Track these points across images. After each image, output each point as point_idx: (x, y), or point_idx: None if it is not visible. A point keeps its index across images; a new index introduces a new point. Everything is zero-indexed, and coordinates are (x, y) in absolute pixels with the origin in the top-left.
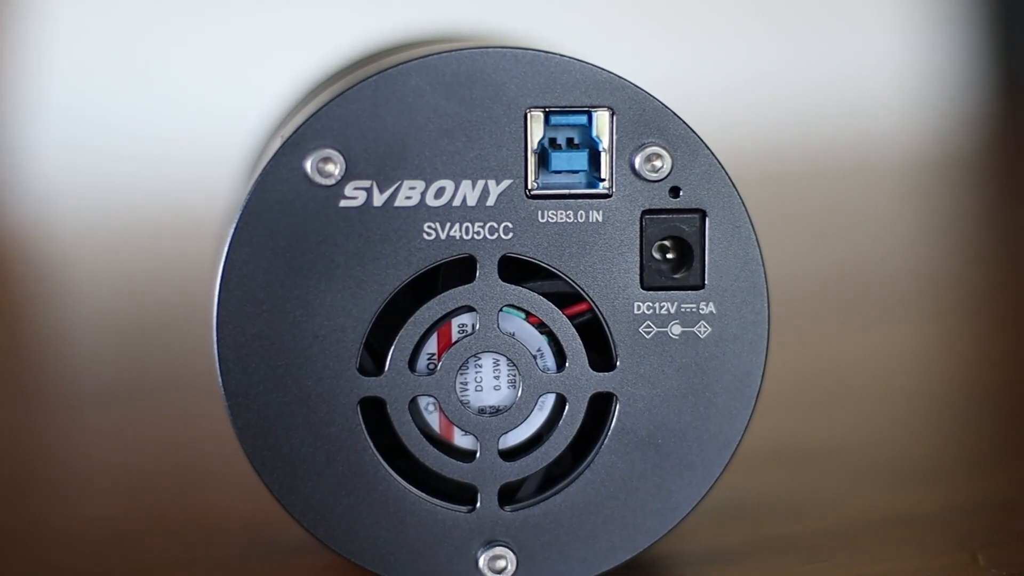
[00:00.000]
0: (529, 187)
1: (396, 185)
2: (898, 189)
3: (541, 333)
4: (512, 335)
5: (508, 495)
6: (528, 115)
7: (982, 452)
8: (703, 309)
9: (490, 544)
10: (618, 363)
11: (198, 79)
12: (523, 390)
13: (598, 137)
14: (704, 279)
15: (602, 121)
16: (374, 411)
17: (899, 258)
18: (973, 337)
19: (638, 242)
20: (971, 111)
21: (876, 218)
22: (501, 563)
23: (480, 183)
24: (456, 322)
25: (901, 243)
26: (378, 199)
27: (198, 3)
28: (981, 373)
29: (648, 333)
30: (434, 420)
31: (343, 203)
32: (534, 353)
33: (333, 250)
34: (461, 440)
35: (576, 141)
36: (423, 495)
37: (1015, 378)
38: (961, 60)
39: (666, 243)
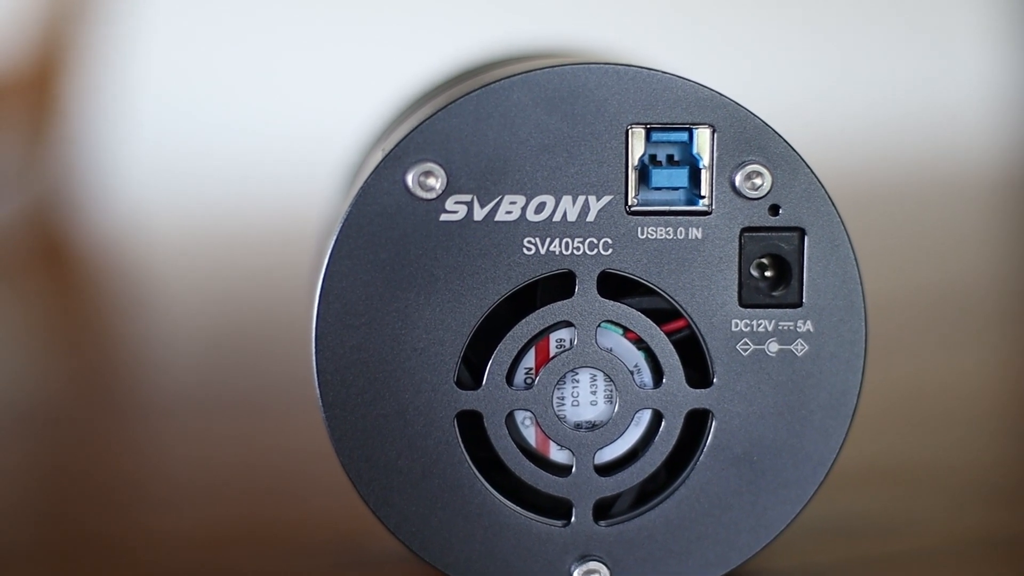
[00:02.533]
0: (629, 203)
1: (497, 200)
2: (992, 208)
3: (638, 349)
4: (610, 351)
5: (603, 510)
6: (629, 131)
7: None
8: (800, 327)
9: (584, 559)
10: (715, 380)
11: (299, 90)
12: (619, 406)
13: (698, 154)
14: (802, 297)
15: (703, 138)
16: (471, 424)
17: (994, 277)
18: None
19: (737, 259)
20: None
21: (971, 237)
22: None
23: (580, 199)
24: (554, 337)
25: (996, 262)
26: (478, 213)
27: (299, 14)
28: None
29: (745, 350)
30: (530, 434)
31: (444, 217)
32: (631, 369)
33: (433, 264)
34: (557, 455)
35: (676, 158)
36: (518, 509)
37: None
38: None
39: (764, 261)
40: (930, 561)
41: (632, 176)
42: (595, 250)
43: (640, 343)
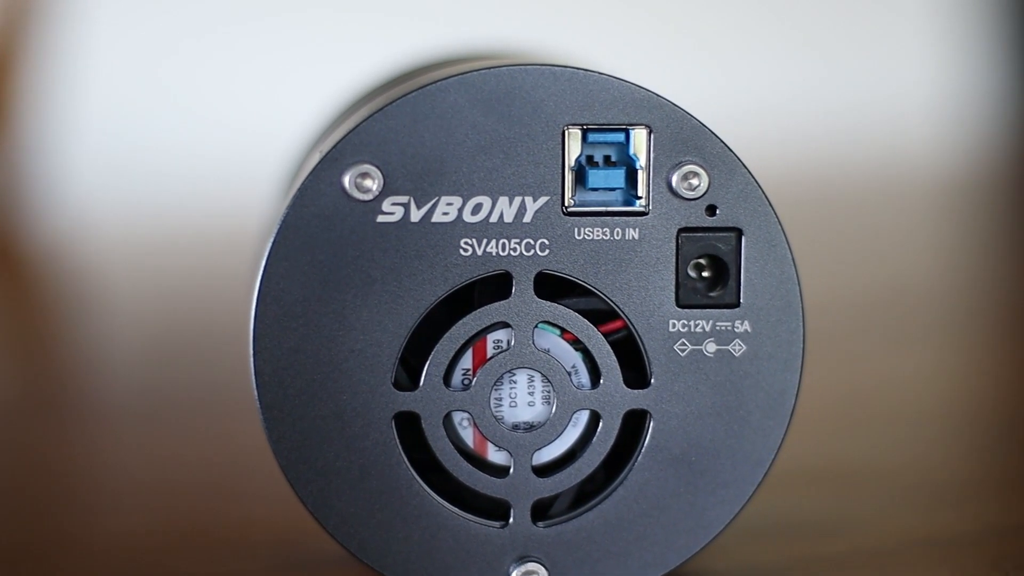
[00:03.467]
0: (566, 204)
1: (433, 201)
2: (934, 209)
3: (576, 350)
4: (547, 351)
5: (541, 511)
6: (566, 132)
7: (1016, 473)
8: (738, 327)
9: (522, 560)
10: (652, 380)
11: (236, 94)
12: (557, 406)
13: (635, 155)
14: (740, 297)
15: (639, 139)
16: (409, 426)
17: (934, 279)
18: (1008, 358)
19: (674, 260)
20: (1007, 131)
21: (911, 238)
22: None
23: (517, 200)
24: (491, 338)
25: (936, 264)
26: (415, 215)
27: (241, 18)
28: (1015, 393)
29: (683, 351)
30: (468, 435)
31: (380, 218)
32: (569, 370)
33: (370, 265)
34: (495, 456)
35: (613, 159)
36: (456, 510)
37: None
38: (997, 79)
39: (702, 261)
40: (870, 561)
41: (569, 177)
42: (532, 251)
43: (577, 344)
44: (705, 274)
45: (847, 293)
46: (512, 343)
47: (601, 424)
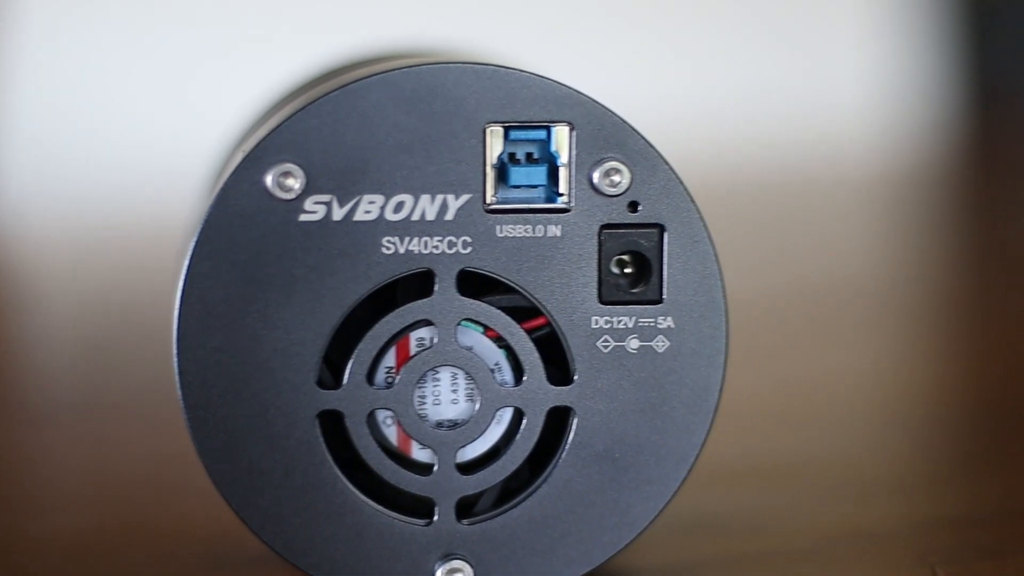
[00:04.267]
0: (487, 202)
1: (355, 200)
2: (863, 205)
3: (499, 347)
4: (470, 349)
5: (465, 509)
6: (487, 130)
7: (943, 468)
8: (661, 323)
9: (447, 557)
10: (575, 377)
11: (162, 94)
12: (480, 404)
13: (557, 152)
14: (662, 294)
15: (561, 136)
16: (333, 424)
17: (863, 275)
18: (934, 353)
19: (596, 257)
20: (939, 125)
21: (841, 234)
22: None
23: (439, 198)
24: (414, 336)
25: (864, 260)
26: (337, 213)
27: (165, 19)
28: (942, 390)
29: (606, 347)
30: (392, 433)
31: (303, 217)
32: (492, 367)
33: (293, 264)
34: (419, 454)
35: (535, 156)
36: (381, 508)
37: (976, 395)
38: (930, 73)
39: (624, 258)
40: (796, 557)
41: (490, 174)
42: (454, 249)
43: (500, 341)
44: (627, 270)
45: (776, 289)
46: (435, 341)
47: (524, 421)
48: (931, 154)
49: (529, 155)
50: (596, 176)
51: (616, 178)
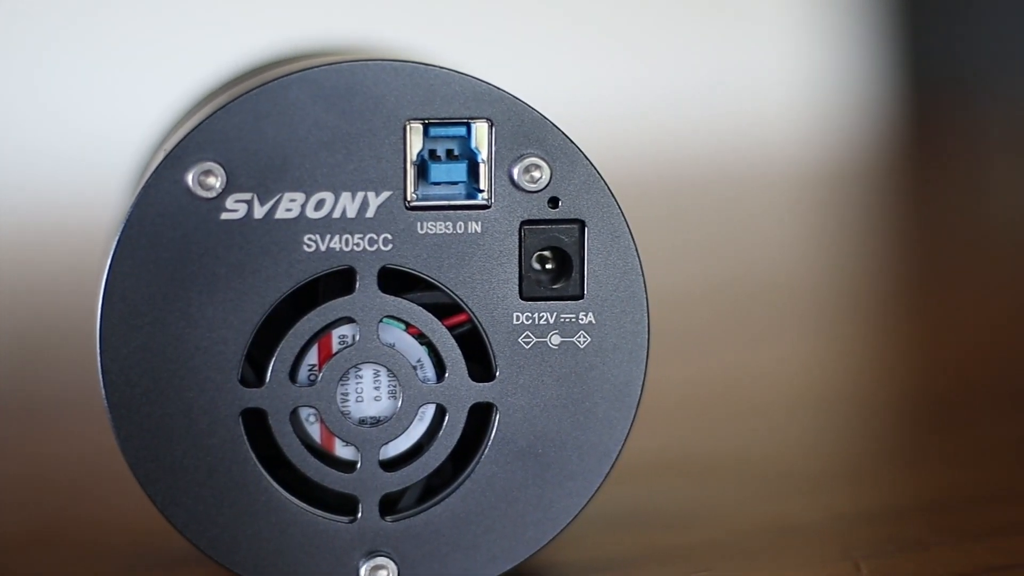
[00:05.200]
0: (408, 199)
1: (276, 197)
2: (793, 198)
3: (421, 344)
4: (392, 346)
5: (389, 505)
6: (407, 127)
7: (866, 461)
8: (582, 319)
9: (371, 554)
10: (497, 373)
11: (86, 92)
12: (403, 401)
13: (477, 148)
14: (583, 289)
15: (481, 132)
16: (257, 422)
17: (791, 271)
18: (859, 348)
19: (517, 253)
20: (869, 118)
21: (770, 230)
22: (382, 573)
23: (360, 195)
24: (337, 333)
25: (793, 256)
26: (259, 211)
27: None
28: (865, 384)
29: (527, 343)
30: (315, 431)
31: (224, 216)
32: (414, 364)
33: (215, 263)
34: (342, 451)
35: (456, 153)
36: (304, 506)
37: (899, 388)
38: (860, 66)
39: (545, 253)
40: (721, 552)
41: (411, 171)
42: (375, 246)
43: (422, 338)
44: (548, 266)
45: (705, 285)
46: (357, 338)
47: (447, 418)
48: (861, 147)
49: (449, 152)
50: (516, 172)
51: (536, 174)
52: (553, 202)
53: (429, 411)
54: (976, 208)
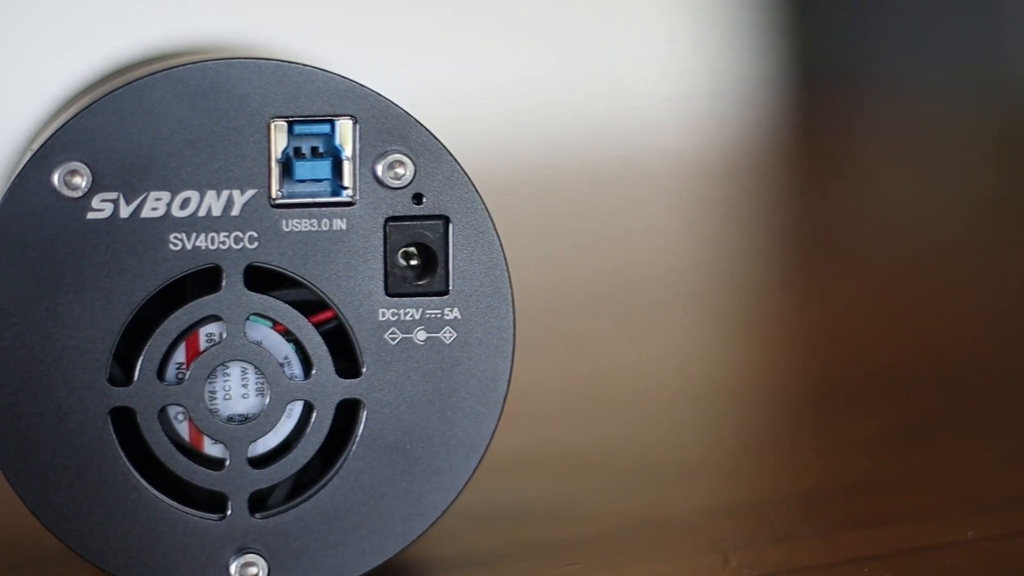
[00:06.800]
0: (273, 196)
1: (142, 196)
2: (667, 192)
3: (288, 341)
4: (259, 344)
5: (259, 503)
6: (271, 125)
7: (738, 454)
8: (448, 315)
9: (241, 551)
10: (364, 370)
11: None
12: (271, 398)
13: (341, 146)
14: (448, 285)
15: (345, 129)
16: (126, 421)
17: (666, 262)
18: (733, 341)
19: (382, 249)
20: (744, 112)
21: (647, 224)
22: (252, 570)
23: (225, 193)
24: (204, 332)
25: (669, 247)
26: (125, 211)
27: None
28: (740, 377)
29: (393, 339)
30: (184, 429)
31: (90, 215)
32: (281, 361)
33: (81, 262)
34: (211, 449)
35: (320, 150)
36: (174, 504)
37: (773, 381)
38: (735, 60)
39: (410, 250)
40: (591, 545)
41: (275, 169)
42: (241, 244)
43: (289, 335)
44: (413, 263)
45: (581, 278)
46: (224, 336)
47: (314, 414)
48: (741, 139)
49: (314, 149)
50: (380, 169)
51: (400, 170)
52: (417, 198)
53: (297, 408)
54: (856, 201)
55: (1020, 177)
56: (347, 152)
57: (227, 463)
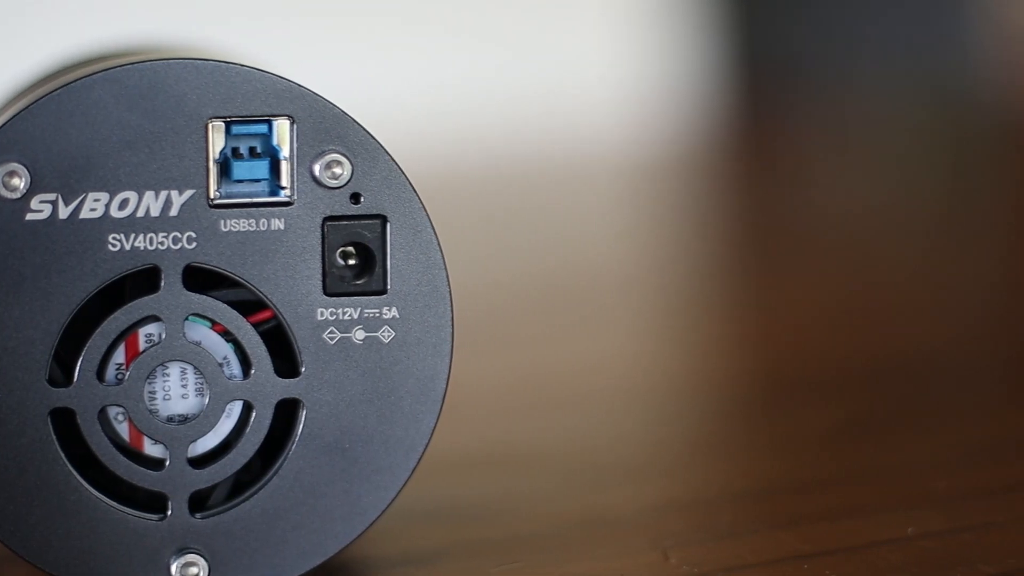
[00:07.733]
0: (211, 197)
1: (81, 197)
2: (613, 191)
3: (227, 341)
4: (198, 344)
5: (199, 502)
6: (209, 125)
7: (680, 452)
8: (386, 314)
9: (182, 551)
10: (303, 369)
11: None
12: (210, 398)
13: (278, 145)
14: (386, 284)
15: (282, 129)
16: (66, 422)
17: (610, 261)
18: (676, 340)
19: (320, 249)
20: (690, 111)
21: (589, 221)
22: (193, 570)
23: (163, 194)
24: (144, 332)
25: (612, 246)
26: (63, 212)
27: None
28: (683, 375)
29: (332, 339)
30: (124, 429)
31: (29, 216)
32: (220, 361)
33: (20, 263)
34: (151, 449)
35: (258, 150)
36: (114, 504)
37: (715, 380)
38: (681, 59)
39: (348, 249)
40: (531, 544)
41: (213, 169)
42: (179, 244)
43: (228, 335)
44: (351, 262)
45: (522, 278)
46: (163, 337)
47: (254, 414)
48: (687, 138)
49: (252, 149)
50: (317, 169)
51: (337, 170)
52: (355, 198)
53: (237, 408)
54: (801, 199)
55: (966, 173)
56: (285, 152)
57: (167, 463)
